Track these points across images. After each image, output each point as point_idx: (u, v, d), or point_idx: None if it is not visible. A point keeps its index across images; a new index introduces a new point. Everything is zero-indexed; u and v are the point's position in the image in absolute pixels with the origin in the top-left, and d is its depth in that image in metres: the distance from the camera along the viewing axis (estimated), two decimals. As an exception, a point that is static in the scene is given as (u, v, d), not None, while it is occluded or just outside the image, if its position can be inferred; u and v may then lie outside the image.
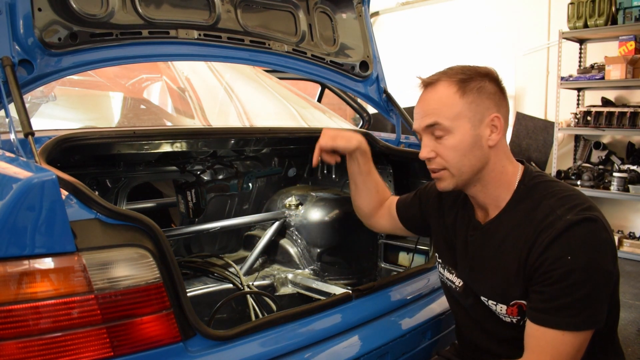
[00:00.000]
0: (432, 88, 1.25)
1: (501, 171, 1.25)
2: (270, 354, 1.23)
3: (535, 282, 1.14)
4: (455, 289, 1.39)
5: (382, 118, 2.51)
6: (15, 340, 0.90)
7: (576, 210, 1.13)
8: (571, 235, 1.10)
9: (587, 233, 1.10)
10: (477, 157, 1.22)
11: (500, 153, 1.25)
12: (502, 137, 1.24)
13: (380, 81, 2.19)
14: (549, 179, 1.26)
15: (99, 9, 1.47)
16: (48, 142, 1.28)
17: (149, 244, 1.05)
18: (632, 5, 4.62)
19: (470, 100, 1.21)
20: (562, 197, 1.17)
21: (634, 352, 2.78)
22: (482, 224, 1.30)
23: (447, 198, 1.45)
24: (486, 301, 1.27)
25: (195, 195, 2.06)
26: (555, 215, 1.13)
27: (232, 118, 2.56)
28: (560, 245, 1.10)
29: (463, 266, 1.34)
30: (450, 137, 1.21)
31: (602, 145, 5.09)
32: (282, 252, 2.25)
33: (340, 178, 2.45)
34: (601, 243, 1.11)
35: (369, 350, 1.40)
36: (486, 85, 1.22)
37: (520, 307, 1.20)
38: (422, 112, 1.25)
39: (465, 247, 1.33)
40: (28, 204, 0.88)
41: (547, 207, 1.16)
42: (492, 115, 1.22)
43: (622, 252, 4.81)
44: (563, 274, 1.09)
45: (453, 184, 1.25)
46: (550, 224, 1.13)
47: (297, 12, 1.93)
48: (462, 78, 1.22)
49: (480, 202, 1.29)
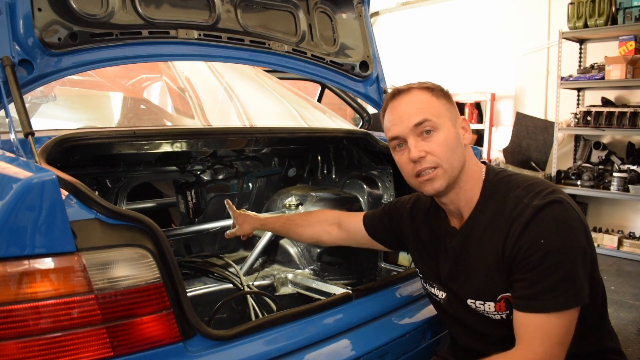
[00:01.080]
0: (407, 94, 1.30)
1: (474, 169, 1.31)
2: (270, 354, 1.23)
3: (515, 271, 1.18)
4: (440, 302, 1.42)
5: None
6: (16, 340, 0.90)
7: (541, 195, 1.18)
8: (540, 219, 1.15)
9: (555, 214, 1.15)
10: (461, 153, 1.27)
11: (470, 153, 1.32)
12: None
13: (380, 81, 2.19)
14: (510, 172, 1.32)
15: (99, 9, 1.47)
16: (48, 142, 1.28)
17: (149, 244, 1.05)
18: (632, 5, 4.63)
19: (444, 102, 1.29)
20: (526, 187, 1.22)
21: (634, 352, 2.78)
22: (457, 229, 1.33)
23: (418, 216, 1.48)
24: (473, 303, 1.29)
25: (195, 195, 2.07)
26: (523, 204, 1.18)
27: (232, 118, 2.56)
28: (532, 230, 1.15)
29: (446, 275, 1.36)
30: (439, 133, 1.24)
31: (602, 145, 5.09)
32: (282, 252, 2.25)
33: (341, 178, 2.45)
34: (570, 221, 1.15)
35: (369, 350, 1.40)
36: (447, 94, 1.32)
37: (507, 301, 1.23)
38: (408, 113, 1.27)
39: (446, 256, 1.36)
40: (28, 204, 0.88)
41: (514, 198, 1.21)
42: (460, 117, 1.32)
43: (622, 252, 4.82)
44: (539, 258, 1.13)
45: (446, 181, 1.25)
46: (519, 213, 1.18)
47: (297, 12, 1.93)
48: (429, 87, 1.30)
49: (456, 206, 1.32)
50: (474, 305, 1.29)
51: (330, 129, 2.39)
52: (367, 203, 2.29)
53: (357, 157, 2.38)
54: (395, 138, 1.29)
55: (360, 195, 2.32)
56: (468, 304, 1.30)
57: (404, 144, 1.28)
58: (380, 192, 2.31)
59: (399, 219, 1.54)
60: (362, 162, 2.37)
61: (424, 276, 1.46)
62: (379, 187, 2.31)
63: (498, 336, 1.28)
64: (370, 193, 2.30)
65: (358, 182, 2.34)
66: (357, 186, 2.34)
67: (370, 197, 2.30)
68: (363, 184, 2.32)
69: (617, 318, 3.27)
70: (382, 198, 2.31)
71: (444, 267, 1.36)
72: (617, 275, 4.29)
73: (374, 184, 2.32)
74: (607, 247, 4.88)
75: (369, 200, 2.30)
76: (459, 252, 1.32)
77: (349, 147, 2.36)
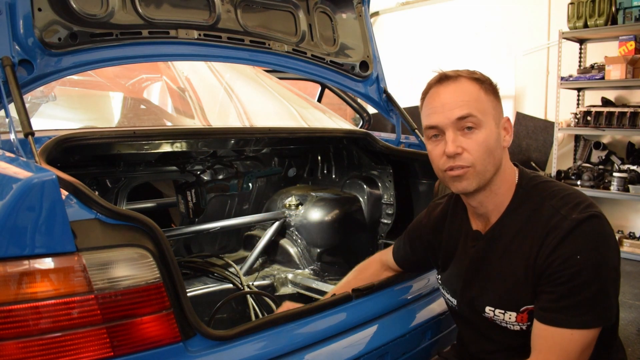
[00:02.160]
0: (455, 82, 1.20)
1: (508, 173, 1.24)
2: (270, 354, 1.23)
3: (544, 283, 1.13)
4: (454, 307, 1.38)
5: (382, 118, 2.51)
6: (16, 340, 0.90)
7: (580, 208, 1.12)
8: (579, 233, 1.09)
9: (594, 230, 1.10)
10: (498, 156, 1.20)
11: (507, 156, 1.25)
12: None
13: (380, 81, 2.19)
14: (545, 179, 1.26)
15: (99, 9, 1.48)
16: (48, 142, 1.28)
17: (149, 244, 1.05)
18: (632, 5, 4.62)
19: (491, 99, 1.21)
20: (563, 197, 1.16)
21: (634, 352, 2.78)
22: (482, 233, 1.28)
23: (436, 222, 1.44)
24: (492, 311, 1.23)
25: (195, 195, 2.07)
26: (560, 215, 1.13)
27: (232, 118, 2.56)
28: (569, 244, 1.09)
29: (462, 280, 1.31)
30: (481, 131, 1.17)
31: (602, 145, 5.08)
32: (282, 252, 2.25)
33: (340, 178, 2.45)
34: (607, 239, 1.11)
35: (369, 350, 1.39)
36: (495, 89, 1.23)
37: (530, 313, 1.18)
38: (452, 103, 1.17)
39: (466, 261, 1.31)
40: (28, 204, 0.88)
41: (550, 207, 1.15)
42: (505, 117, 1.24)
43: (622, 252, 4.81)
44: (573, 274, 1.08)
45: (476, 184, 1.18)
46: (556, 224, 1.12)
47: (297, 12, 1.93)
48: (478, 78, 1.21)
49: (484, 209, 1.26)
50: (492, 313, 1.23)
51: (330, 129, 2.39)
52: (367, 203, 2.29)
53: (357, 157, 2.38)
54: (432, 127, 1.21)
55: (360, 195, 2.32)
56: (486, 312, 1.24)
57: (441, 135, 1.20)
58: (380, 192, 2.31)
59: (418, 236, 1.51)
60: (362, 162, 2.37)
61: (442, 282, 1.42)
62: (379, 187, 2.31)
63: (512, 344, 1.24)
64: (370, 193, 2.30)
65: (358, 182, 2.34)
66: (357, 186, 2.34)
67: (370, 197, 2.30)
68: (363, 184, 2.32)
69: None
70: (382, 198, 2.31)
71: (460, 271, 1.32)
72: (617, 275, 4.29)
73: (374, 184, 2.32)
74: (607, 247, 4.87)
75: (369, 200, 2.30)
76: (481, 257, 1.26)
77: (349, 147, 2.36)
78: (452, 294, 1.37)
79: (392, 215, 2.28)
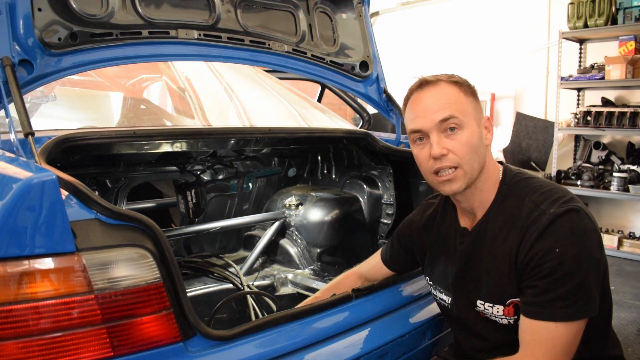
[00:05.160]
0: (435, 86, 1.25)
1: (492, 170, 1.28)
2: (270, 354, 1.23)
3: (527, 277, 1.16)
4: (446, 306, 1.40)
5: (382, 118, 2.51)
6: (15, 340, 0.90)
7: (559, 203, 1.16)
8: (557, 227, 1.12)
9: (572, 224, 1.13)
10: (482, 154, 1.24)
11: (489, 153, 1.29)
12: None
13: (380, 81, 2.19)
14: (528, 175, 1.30)
15: (99, 9, 1.47)
16: (48, 142, 1.28)
17: (149, 244, 1.05)
18: (632, 5, 4.62)
19: (471, 100, 1.26)
20: (544, 192, 1.20)
21: (634, 352, 2.78)
22: (469, 229, 1.31)
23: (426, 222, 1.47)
24: (482, 305, 1.27)
25: (195, 195, 2.07)
26: (540, 210, 1.16)
27: (232, 118, 2.56)
28: (548, 238, 1.13)
29: (454, 277, 1.34)
30: (463, 131, 1.21)
31: (602, 145, 5.09)
32: (282, 252, 2.25)
33: (341, 178, 2.45)
34: (586, 232, 1.13)
35: (369, 350, 1.39)
36: (474, 91, 1.29)
37: (516, 306, 1.21)
38: (434, 106, 1.22)
39: (455, 257, 1.34)
40: (28, 204, 0.88)
41: (531, 203, 1.19)
42: (485, 116, 1.29)
43: (622, 252, 4.82)
44: (553, 267, 1.11)
45: (465, 183, 1.22)
46: (535, 219, 1.15)
47: (297, 12, 1.93)
48: (457, 81, 1.27)
49: (470, 205, 1.30)
50: (482, 307, 1.27)
51: (330, 129, 2.39)
52: (367, 203, 2.29)
53: (357, 157, 2.38)
54: (416, 131, 1.25)
55: (360, 195, 2.32)
56: (477, 306, 1.28)
57: (426, 139, 1.24)
58: (380, 192, 2.31)
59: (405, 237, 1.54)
60: (362, 162, 2.38)
61: (433, 282, 1.45)
62: (379, 187, 2.31)
63: (503, 341, 1.26)
64: (370, 193, 2.31)
65: (358, 182, 2.34)
66: (357, 186, 2.34)
67: (370, 197, 2.30)
68: (363, 184, 2.32)
69: (617, 318, 3.27)
70: (382, 198, 2.31)
71: (451, 268, 1.35)
72: (617, 275, 4.29)
73: (374, 184, 2.32)
74: (607, 247, 4.87)
75: (369, 200, 2.30)
76: (469, 253, 1.30)
77: (349, 147, 2.36)
78: (445, 291, 1.39)
79: (392, 215, 2.28)
